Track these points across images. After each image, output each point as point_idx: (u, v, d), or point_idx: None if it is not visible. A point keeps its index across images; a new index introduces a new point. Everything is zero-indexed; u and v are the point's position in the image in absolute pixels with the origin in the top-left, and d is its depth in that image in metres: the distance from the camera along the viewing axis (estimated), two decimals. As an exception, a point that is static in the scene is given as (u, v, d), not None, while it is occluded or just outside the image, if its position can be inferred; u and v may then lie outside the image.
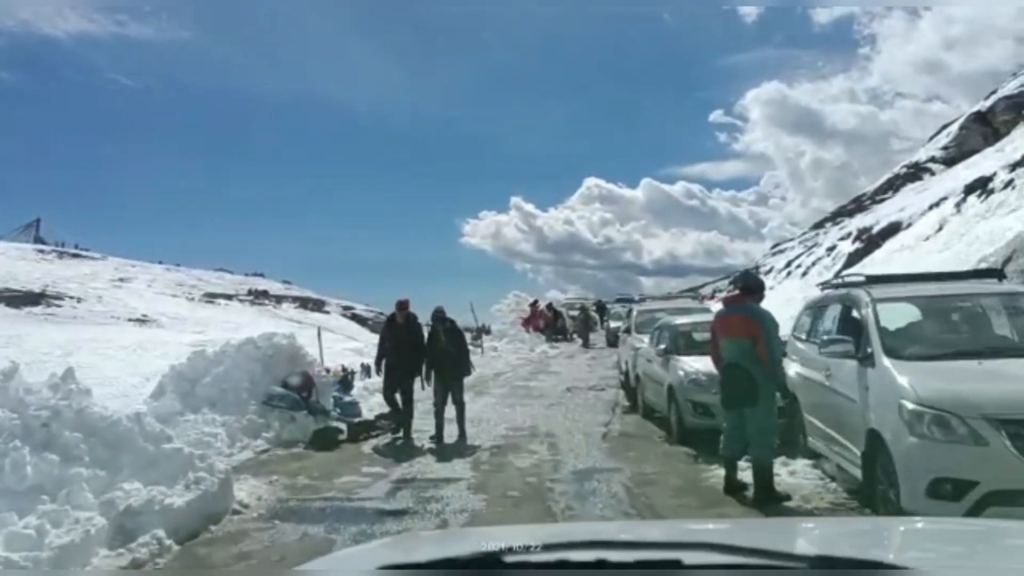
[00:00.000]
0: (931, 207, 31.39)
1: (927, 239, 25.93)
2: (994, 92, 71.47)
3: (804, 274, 38.13)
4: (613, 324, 25.32)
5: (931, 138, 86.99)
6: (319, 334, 17.42)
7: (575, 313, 36.53)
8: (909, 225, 31.96)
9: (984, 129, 64.42)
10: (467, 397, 10.98)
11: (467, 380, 11.01)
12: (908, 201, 39.05)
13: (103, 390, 11.76)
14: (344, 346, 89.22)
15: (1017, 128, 58.04)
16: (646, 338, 12.98)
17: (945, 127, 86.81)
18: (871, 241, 30.02)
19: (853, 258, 30.34)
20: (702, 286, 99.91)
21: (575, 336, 31.81)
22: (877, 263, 28.37)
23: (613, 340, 22.81)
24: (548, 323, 29.69)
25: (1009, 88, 64.09)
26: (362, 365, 19.92)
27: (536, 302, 32.31)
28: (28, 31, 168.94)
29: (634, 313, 16.95)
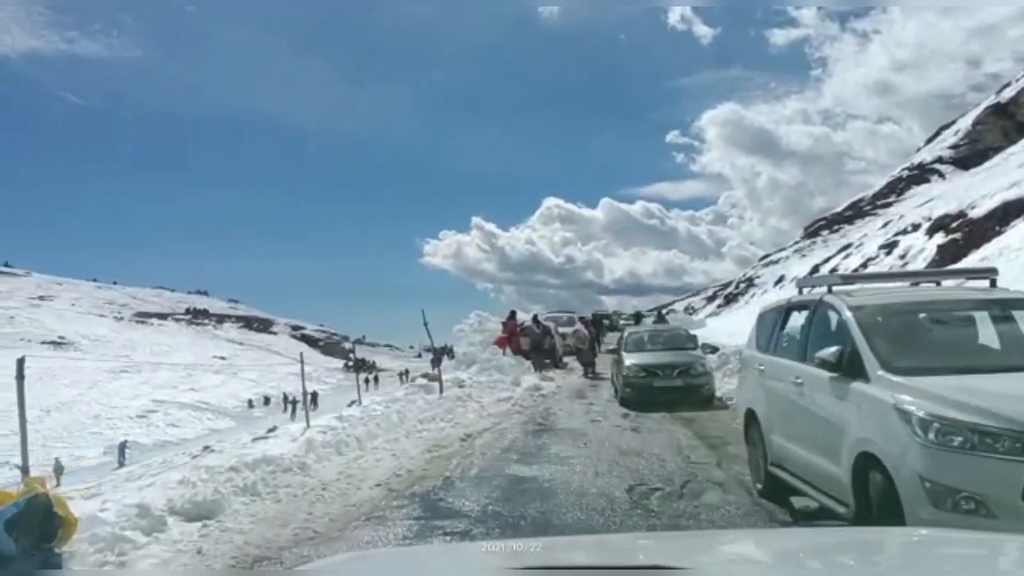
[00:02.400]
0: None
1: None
2: (1006, 86, 65.31)
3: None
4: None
5: (929, 140, 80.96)
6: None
7: (566, 330, 27.91)
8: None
9: (1005, 123, 57.82)
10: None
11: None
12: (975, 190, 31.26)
13: None
14: (289, 370, 78.46)
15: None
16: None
17: (944, 128, 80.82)
18: (971, 231, 21.93)
19: (946, 252, 22.21)
20: (669, 303, 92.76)
21: (564, 360, 23.26)
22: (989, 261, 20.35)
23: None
24: (536, 343, 21.01)
25: (1035, 76, 57.39)
26: (306, 393, 18.51)
27: (515, 314, 23.68)
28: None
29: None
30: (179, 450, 38.77)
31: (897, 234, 29.17)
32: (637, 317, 39.49)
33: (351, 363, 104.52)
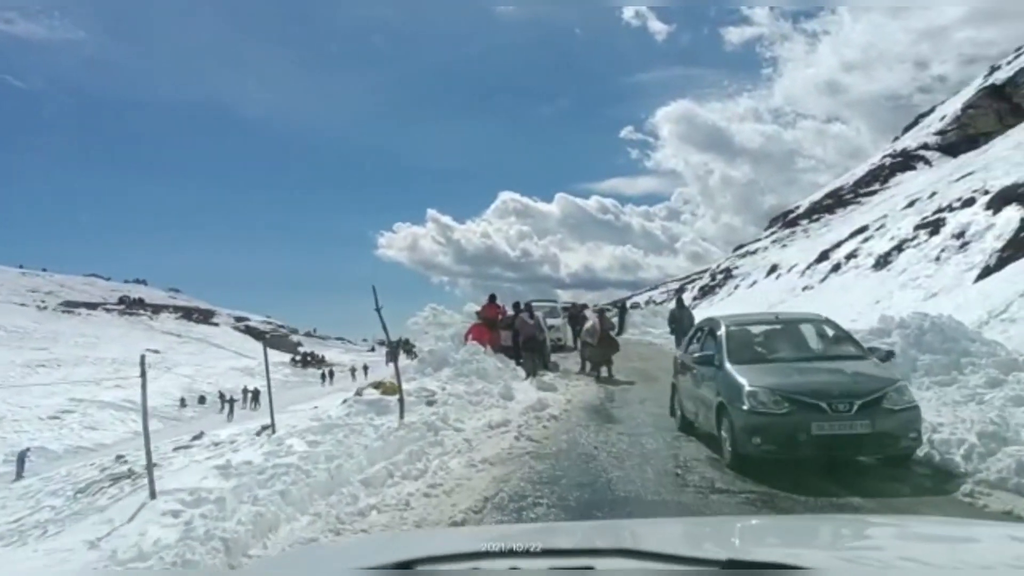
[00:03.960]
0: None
1: None
2: (995, 68, 62.13)
3: (877, 264, 25.46)
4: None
5: (907, 129, 77.89)
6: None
7: (557, 322, 22.90)
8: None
9: (1000, 106, 54.33)
10: None
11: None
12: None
13: None
14: (230, 364, 71.71)
15: (1053, 100, 47.99)
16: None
17: (923, 115, 77.74)
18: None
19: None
20: (628, 298, 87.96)
21: (553, 360, 18.23)
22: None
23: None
24: (529, 339, 15.71)
25: (1036, 54, 53.93)
26: (246, 391, 14.17)
27: (495, 298, 18.46)
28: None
29: None
30: (90, 459, 33.28)
31: (939, 211, 24.64)
32: (621, 310, 34.30)
33: (299, 357, 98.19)
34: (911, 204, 29.62)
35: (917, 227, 25.11)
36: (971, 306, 17.19)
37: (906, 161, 63.74)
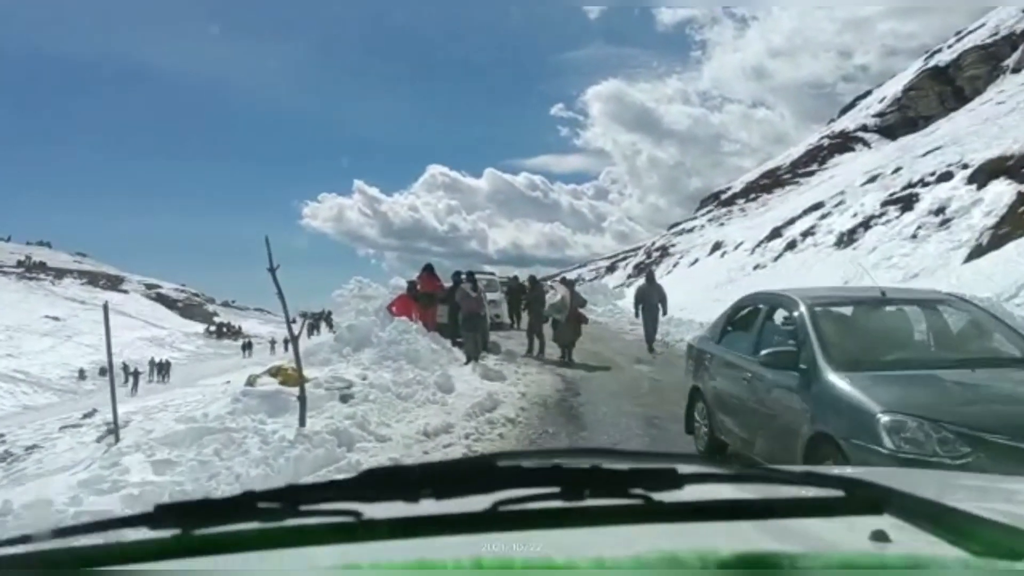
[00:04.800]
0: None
1: None
2: (937, 51, 61.80)
3: (840, 241, 23.77)
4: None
5: (845, 110, 77.69)
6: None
7: (495, 296, 20.42)
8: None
9: (942, 88, 53.80)
10: None
11: None
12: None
13: None
14: (138, 335, 66.51)
15: (995, 84, 47.53)
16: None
17: (860, 98, 77.74)
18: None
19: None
20: (557, 275, 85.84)
21: (494, 342, 15.67)
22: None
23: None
24: (471, 313, 12.90)
25: (980, 36, 53.48)
26: (153, 362, 8.96)
27: (432, 269, 15.67)
28: None
29: None
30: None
31: (910, 187, 22.96)
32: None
33: (214, 328, 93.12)
34: (872, 179, 28.00)
35: (885, 203, 23.39)
36: (966, 288, 15.32)
37: (844, 142, 63.24)
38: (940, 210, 19.63)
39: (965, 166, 20.85)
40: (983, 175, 19.30)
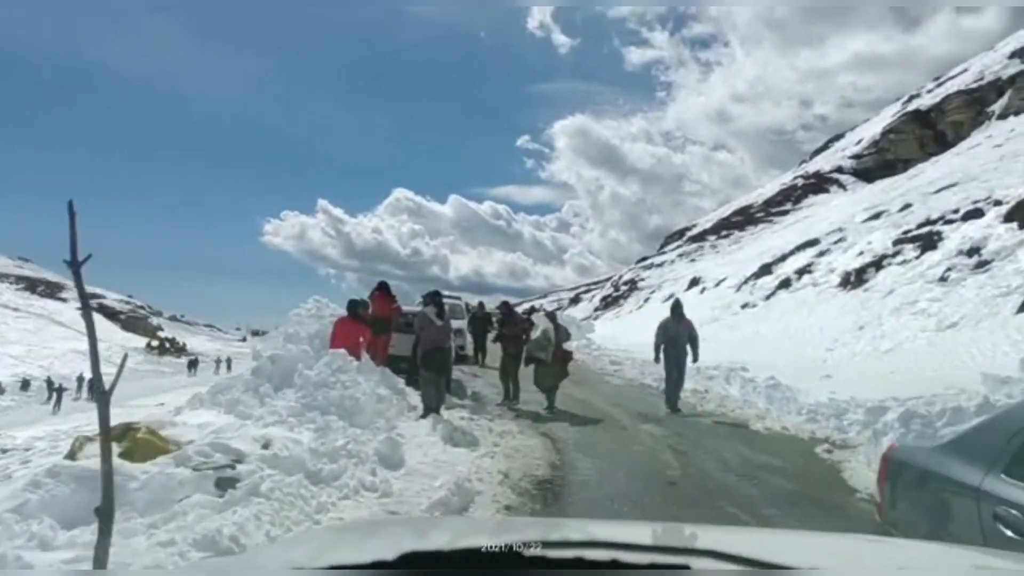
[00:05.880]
0: None
1: None
2: (915, 96, 60.66)
3: (846, 282, 21.28)
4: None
5: (818, 151, 76.77)
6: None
7: (459, 324, 17.58)
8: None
9: (923, 132, 52.47)
10: None
11: None
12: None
13: None
14: (72, 346, 61.72)
15: (981, 129, 46.21)
16: None
17: (833, 140, 76.83)
18: None
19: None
20: (516, 304, 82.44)
21: (456, 381, 12.58)
22: None
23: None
24: (433, 348, 9.76)
25: (964, 80, 52.31)
26: (81, 378, 4.96)
27: (387, 287, 12.58)
28: None
29: None
30: None
31: (929, 223, 20.58)
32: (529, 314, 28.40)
33: (156, 343, 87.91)
34: (876, 216, 25.67)
35: (898, 241, 20.95)
36: (1031, 342, 12.81)
37: (819, 183, 61.83)
38: (974, 251, 17.17)
39: (997, 202, 18.49)
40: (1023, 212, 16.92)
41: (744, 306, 26.92)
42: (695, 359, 12.10)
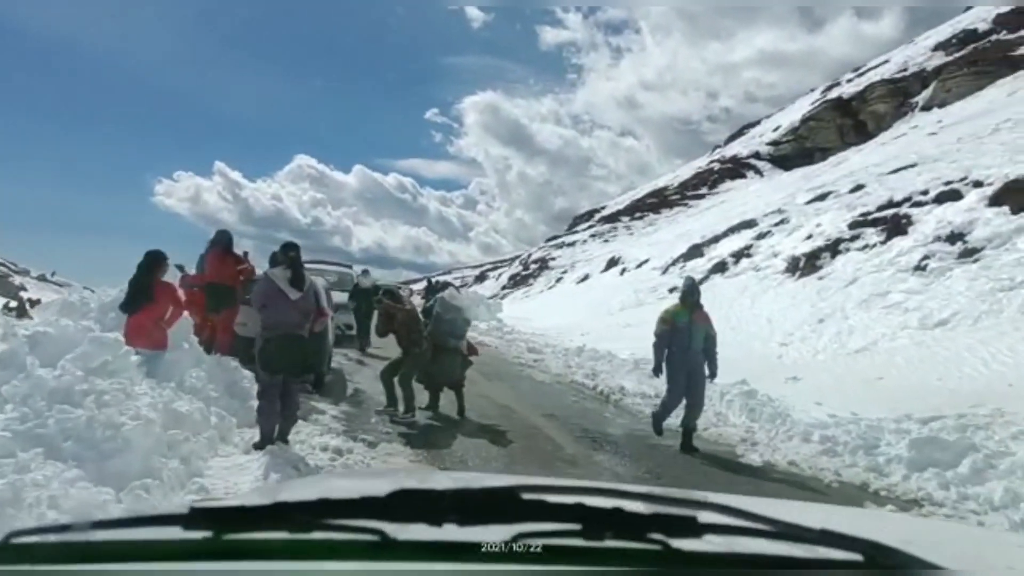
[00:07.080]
0: None
1: None
2: (835, 84, 60.03)
3: (794, 268, 18.85)
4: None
5: (732, 137, 75.81)
6: None
7: (341, 298, 13.97)
8: None
9: (843, 121, 51.47)
10: None
11: None
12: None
13: None
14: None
15: (904, 120, 45.37)
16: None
17: (749, 126, 75.95)
18: None
19: None
20: (413, 281, 76.79)
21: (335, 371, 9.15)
22: None
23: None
24: (286, 327, 6.14)
25: (888, 70, 51.42)
26: None
27: (231, 242, 9.09)
28: None
29: None
30: None
31: (892, 205, 18.26)
32: (431, 289, 23.58)
33: (14, 304, 79.60)
34: (822, 197, 23.37)
35: (856, 224, 18.57)
36: None
37: (736, 168, 60.51)
38: (956, 237, 14.81)
39: (978, 183, 16.22)
40: (1014, 195, 14.63)
41: (672, 290, 24.25)
42: (712, 374, 8.15)
